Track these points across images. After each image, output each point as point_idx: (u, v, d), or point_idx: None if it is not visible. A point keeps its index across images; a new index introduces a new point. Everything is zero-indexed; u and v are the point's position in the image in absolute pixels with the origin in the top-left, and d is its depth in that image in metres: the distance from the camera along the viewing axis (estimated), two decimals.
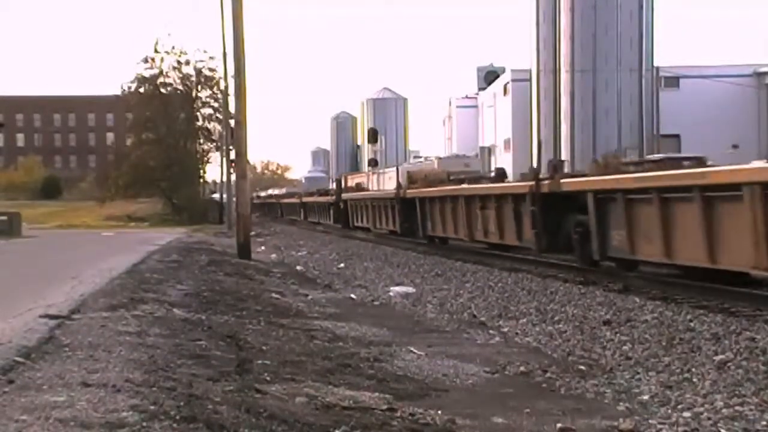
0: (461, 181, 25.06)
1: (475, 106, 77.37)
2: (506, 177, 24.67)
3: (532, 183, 18.14)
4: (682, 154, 17.96)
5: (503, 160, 59.62)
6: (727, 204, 12.06)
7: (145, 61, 59.27)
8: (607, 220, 15.43)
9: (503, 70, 69.42)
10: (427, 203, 27.07)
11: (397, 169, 37.56)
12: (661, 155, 17.88)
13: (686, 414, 6.36)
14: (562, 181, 17.23)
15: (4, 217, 35.49)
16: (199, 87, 59.66)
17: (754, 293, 11.85)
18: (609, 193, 15.26)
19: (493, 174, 26.35)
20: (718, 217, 12.28)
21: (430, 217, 26.90)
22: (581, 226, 16.33)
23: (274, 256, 25.88)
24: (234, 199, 28.74)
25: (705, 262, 12.61)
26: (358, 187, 47.89)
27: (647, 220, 14.00)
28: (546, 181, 17.70)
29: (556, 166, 19.13)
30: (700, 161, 14.40)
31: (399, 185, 31.49)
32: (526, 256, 19.46)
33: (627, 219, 14.60)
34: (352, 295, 14.99)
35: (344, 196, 43.20)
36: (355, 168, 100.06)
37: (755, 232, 11.31)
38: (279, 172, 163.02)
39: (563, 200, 17.14)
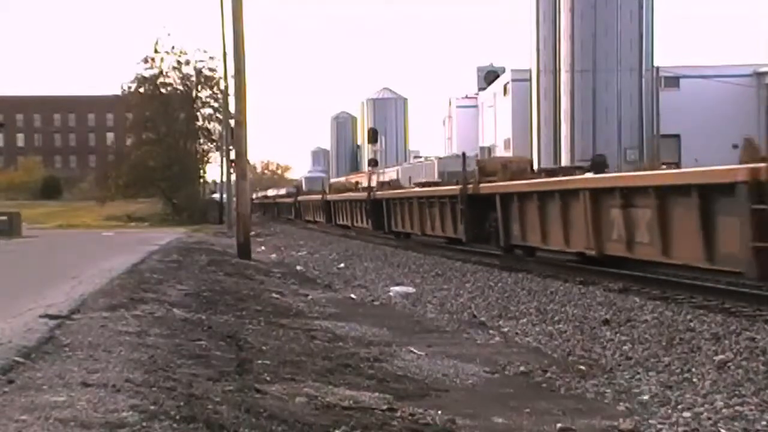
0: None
1: (475, 106, 77.37)
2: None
3: (461, 186, 22.33)
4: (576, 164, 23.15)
5: None
6: (574, 203, 16.22)
7: (145, 61, 59.26)
8: (508, 216, 19.72)
9: (503, 70, 69.44)
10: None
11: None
12: (554, 166, 24.37)
13: (686, 414, 6.36)
14: (481, 185, 21.63)
15: (4, 217, 35.46)
16: (199, 87, 59.64)
17: (754, 293, 11.85)
18: (509, 195, 19.63)
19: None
20: (570, 213, 16.46)
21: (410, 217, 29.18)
22: (494, 220, 20.37)
23: (274, 256, 25.89)
24: (234, 199, 28.75)
25: (563, 246, 16.96)
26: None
27: (532, 215, 18.31)
28: (470, 185, 22.06)
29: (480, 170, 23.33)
30: (581, 169, 19.35)
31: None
32: (526, 256, 19.48)
33: (520, 215, 18.94)
34: (352, 295, 14.99)
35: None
36: (355, 168, 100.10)
37: (585, 224, 15.63)
38: (279, 172, 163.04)
39: (483, 200, 21.26)
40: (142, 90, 60.64)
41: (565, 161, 45.83)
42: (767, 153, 11.57)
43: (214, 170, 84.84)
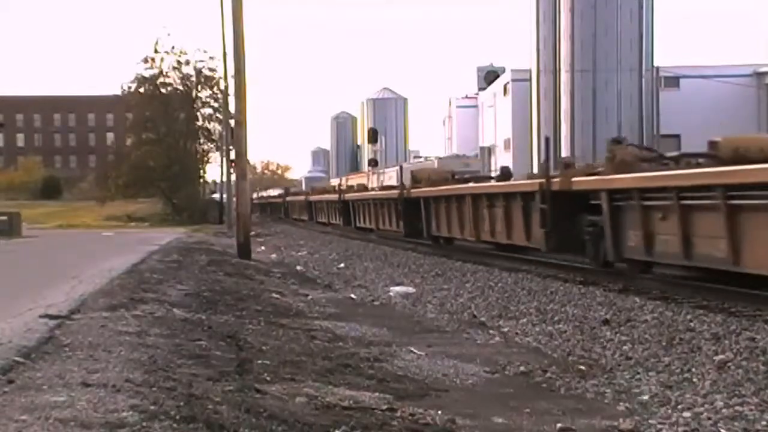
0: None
1: (475, 106, 77.37)
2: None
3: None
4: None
5: (503, 160, 59.59)
6: (463, 204, 21.66)
7: (145, 61, 59.26)
8: (429, 214, 23.59)
9: (503, 70, 69.42)
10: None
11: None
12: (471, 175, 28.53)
13: (686, 414, 6.36)
14: (411, 190, 21.19)
15: (4, 217, 35.46)
16: (199, 87, 59.64)
17: (754, 293, 11.84)
18: (427, 199, 22.74)
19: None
20: (462, 210, 22.61)
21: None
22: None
23: (274, 256, 25.89)
24: (234, 199, 28.74)
25: (459, 234, 23.01)
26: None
27: (441, 212, 24.23)
28: (405, 191, 24.07)
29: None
30: (492, 178, 24.19)
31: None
32: (525, 256, 19.46)
33: (435, 213, 24.31)
34: (352, 295, 14.99)
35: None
36: (355, 168, 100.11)
37: (470, 219, 21.50)
38: (279, 172, 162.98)
39: (413, 202, 23.65)
40: (142, 90, 60.65)
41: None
42: (555, 172, 16.97)
43: (214, 170, 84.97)
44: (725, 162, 12.64)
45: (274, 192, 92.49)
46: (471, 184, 23.82)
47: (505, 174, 23.92)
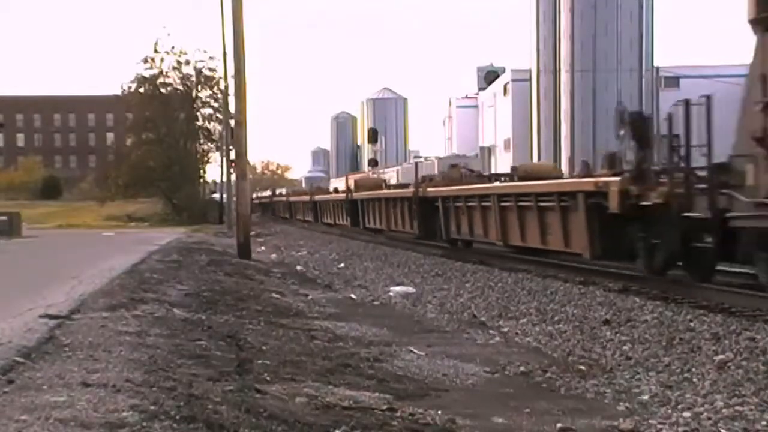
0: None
1: (475, 106, 77.37)
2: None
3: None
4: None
5: (503, 159, 59.61)
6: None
7: (145, 61, 59.27)
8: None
9: (503, 70, 69.44)
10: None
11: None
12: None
13: (686, 414, 6.36)
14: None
15: (4, 217, 35.45)
16: (199, 87, 59.65)
17: (754, 293, 11.84)
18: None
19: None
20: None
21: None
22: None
23: (274, 256, 25.88)
24: (234, 199, 28.74)
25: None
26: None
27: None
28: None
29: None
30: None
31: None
32: (525, 256, 19.47)
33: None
34: (352, 295, 14.99)
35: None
36: (355, 168, 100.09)
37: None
38: (279, 172, 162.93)
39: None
40: (142, 90, 60.64)
41: (565, 161, 45.85)
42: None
43: (214, 170, 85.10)
44: (519, 179, 21.22)
45: (265, 193, 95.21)
46: (497, 183, 23.59)
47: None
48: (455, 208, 23.58)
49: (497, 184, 23.36)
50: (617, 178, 14.42)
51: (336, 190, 49.64)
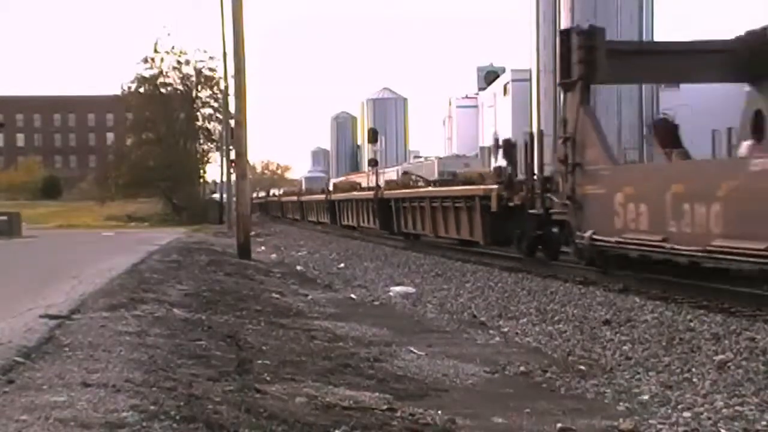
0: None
1: (475, 106, 77.31)
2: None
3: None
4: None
5: (503, 160, 59.47)
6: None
7: (145, 61, 59.38)
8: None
9: (503, 70, 69.36)
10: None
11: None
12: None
13: (686, 414, 6.36)
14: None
15: (4, 217, 35.47)
16: (199, 87, 59.74)
17: (754, 293, 11.86)
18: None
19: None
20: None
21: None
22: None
23: (274, 256, 25.88)
24: (234, 199, 28.74)
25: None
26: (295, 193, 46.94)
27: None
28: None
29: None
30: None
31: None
32: (520, 255, 19.50)
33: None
34: (352, 295, 14.99)
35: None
36: (355, 168, 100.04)
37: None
38: (279, 172, 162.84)
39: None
40: (142, 90, 60.71)
41: None
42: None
43: (214, 170, 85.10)
44: (460, 184, 25.82)
45: (259, 194, 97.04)
46: (429, 188, 28.87)
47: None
48: (403, 207, 29.64)
49: (429, 188, 28.66)
50: (496, 187, 20.29)
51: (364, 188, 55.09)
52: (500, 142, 21.61)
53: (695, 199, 11.97)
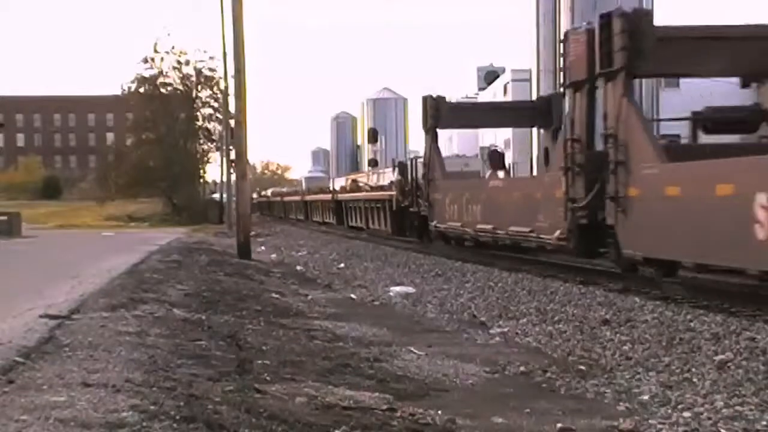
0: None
1: None
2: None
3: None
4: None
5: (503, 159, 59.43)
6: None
7: (145, 61, 59.33)
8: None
9: (503, 70, 69.34)
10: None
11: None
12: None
13: (686, 414, 6.36)
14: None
15: (4, 217, 35.47)
16: (199, 87, 59.70)
17: (755, 293, 11.85)
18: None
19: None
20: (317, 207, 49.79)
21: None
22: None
23: (274, 256, 25.88)
24: (234, 199, 28.75)
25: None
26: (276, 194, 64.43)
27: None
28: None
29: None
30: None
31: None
32: (525, 256, 19.51)
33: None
34: (352, 295, 14.99)
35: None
36: (355, 168, 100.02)
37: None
38: (279, 172, 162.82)
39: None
40: (142, 90, 60.69)
41: None
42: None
43: (214, 170, 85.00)
44: (380, 190, 34.81)
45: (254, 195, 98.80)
46: (363, 192, 38.14)
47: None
48: (349, 207, 40.82)
49: (363, 192, 37.94)
50: (395, 192, 29.87)
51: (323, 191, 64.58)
52: (395, 162, 33.84)
53: (471, 201, 22.02)
